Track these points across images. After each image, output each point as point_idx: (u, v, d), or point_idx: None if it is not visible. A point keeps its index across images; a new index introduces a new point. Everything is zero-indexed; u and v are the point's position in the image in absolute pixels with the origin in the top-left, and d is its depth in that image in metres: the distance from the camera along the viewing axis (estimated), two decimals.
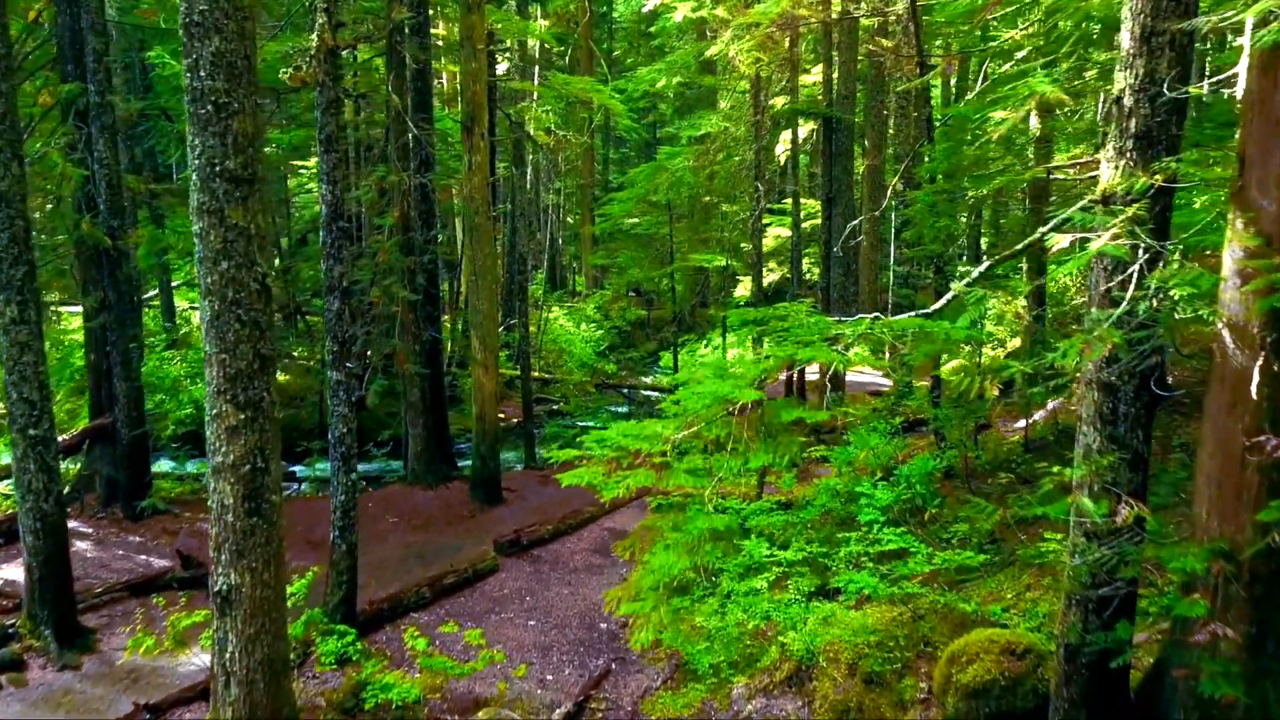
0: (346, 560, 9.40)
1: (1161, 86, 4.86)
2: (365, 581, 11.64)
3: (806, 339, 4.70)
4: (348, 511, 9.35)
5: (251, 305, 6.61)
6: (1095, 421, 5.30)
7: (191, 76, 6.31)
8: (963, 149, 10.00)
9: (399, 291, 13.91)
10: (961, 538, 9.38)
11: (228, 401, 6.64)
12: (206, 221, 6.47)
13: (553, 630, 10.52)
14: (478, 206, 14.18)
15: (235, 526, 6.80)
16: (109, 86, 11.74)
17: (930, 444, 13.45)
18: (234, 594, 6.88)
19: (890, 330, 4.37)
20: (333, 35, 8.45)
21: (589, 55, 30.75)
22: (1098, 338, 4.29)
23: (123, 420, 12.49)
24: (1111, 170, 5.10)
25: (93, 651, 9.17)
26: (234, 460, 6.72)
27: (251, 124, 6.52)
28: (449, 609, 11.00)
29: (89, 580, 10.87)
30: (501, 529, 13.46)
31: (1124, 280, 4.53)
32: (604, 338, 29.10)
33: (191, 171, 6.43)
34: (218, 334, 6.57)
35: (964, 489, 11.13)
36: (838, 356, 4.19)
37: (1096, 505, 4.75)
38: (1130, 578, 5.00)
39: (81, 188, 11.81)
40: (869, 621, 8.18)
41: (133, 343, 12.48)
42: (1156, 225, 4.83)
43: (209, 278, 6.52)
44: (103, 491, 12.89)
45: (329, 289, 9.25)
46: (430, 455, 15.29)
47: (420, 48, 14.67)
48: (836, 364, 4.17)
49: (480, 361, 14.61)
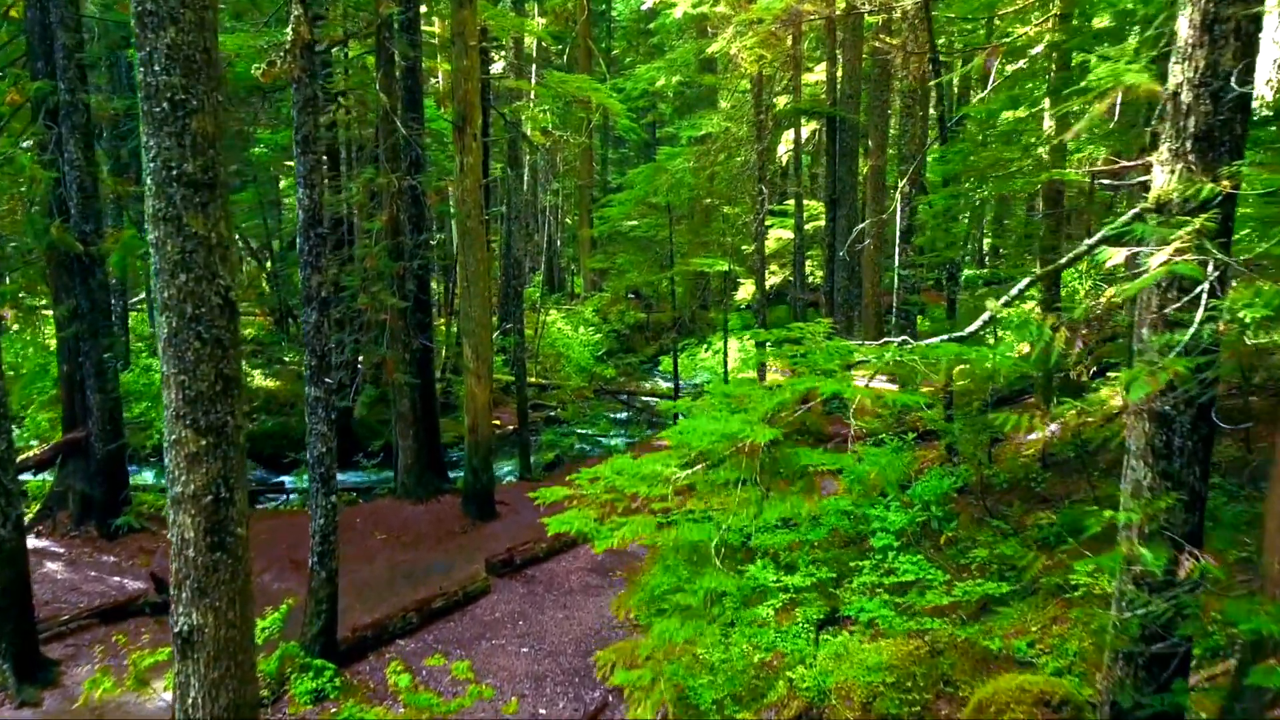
0: (326, 588, 8.84)
1: (1226, 80, 4.30)
2: (350, 604, 11.08)
3: (825, 366, 4.14)
4: (327, 536, 8.79)
5: (213, 321, 6.03)
6: (1146, 455, 4.75)
7: (145, 71, 5.75)
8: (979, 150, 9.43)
9: (387, 299, 13.35)
10: (981, 563, 8.82)
11: (187, 427, 6.06)
12: (163, 230, 5.88)
13: (546, 658, 9.95)
14: (470, 210, 13.62)
15: (197, 562, 6.22)
16: (80, 84, 11.16)
17: (940, 455, 12.90)
18: (196, 635, 6.30)
19: (924, 359, 3.82)
20: (309, 28, 7.89)
21: (587, 54, 30.19)
22: (1161, 368, 3.73)
23: (97, 434, 11.92)
24: (1166, 175, 4.54)
25: (55, 685, 8.61)
26: (195, 490, 6.14)
27: (212, 123, 5.95)
28: (437, 635, 10.44)
29: (57, 605, 10.31)
30: (494, 546, 12.89)
31: (1191, 300, 3.96)
32: (602, 342, 28.52)
33: (146, 175, 5.87)
34: (176, 353, 6.00)
35: (979, 505, 10.58)
36: (863, 390, 3.63)
37: (1154, 555, 4.19)
38: (1188, 635, 4.44)
39: (53, 190, 11.24)
40: (883, 657, 7.63)
41: (107, 353, 11.89)
42: (1220, 238, 4.28)
43: (166, 291, 5.95)
44: (76, 508, 12.30)
45: (306, 299, 8.69)
46: (421, 468, 14.72)
47: (410, 44, 14.10)
48: (862, 397, 3.62)
49: (473, 370, 14.04)
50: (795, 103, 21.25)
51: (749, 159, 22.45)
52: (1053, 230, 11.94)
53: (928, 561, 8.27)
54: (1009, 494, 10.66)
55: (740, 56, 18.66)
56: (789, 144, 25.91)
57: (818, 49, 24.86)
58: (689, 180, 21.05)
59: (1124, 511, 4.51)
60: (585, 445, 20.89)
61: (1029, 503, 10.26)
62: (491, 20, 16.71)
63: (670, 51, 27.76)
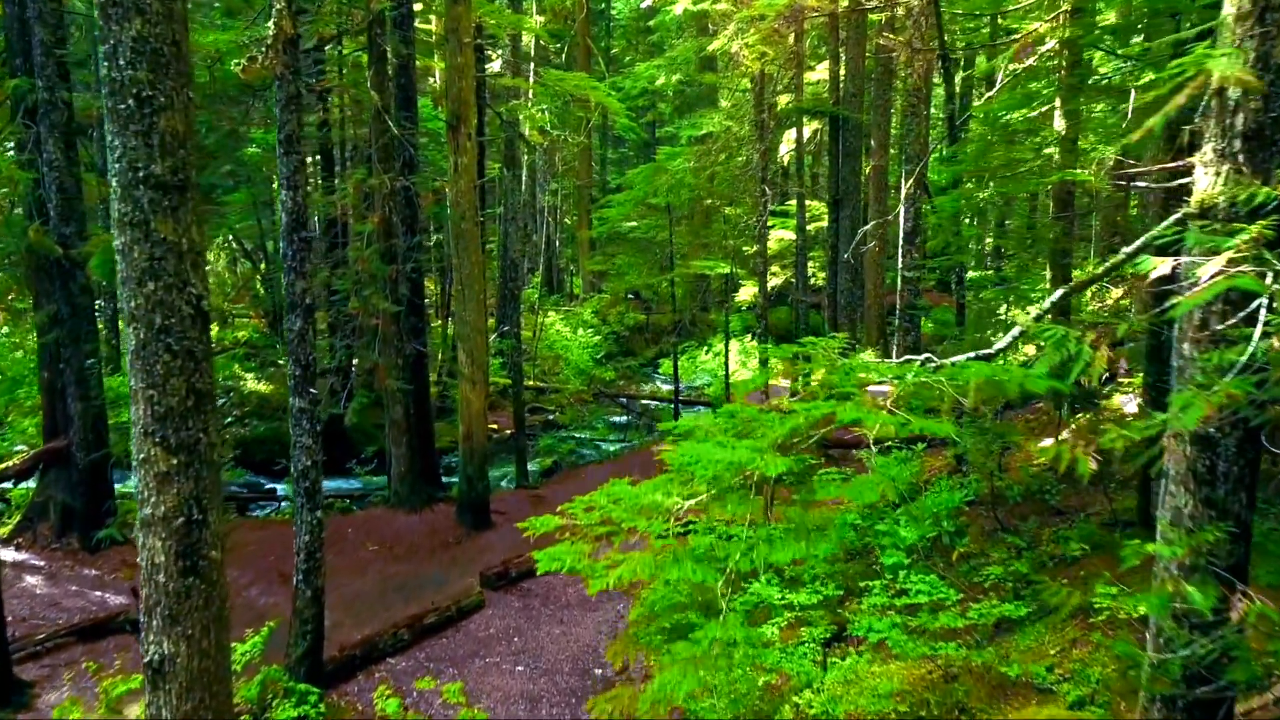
0: (311, 608, 8.47)
1: (1278, 74, 3.93)
2: (339, 620, 10.72)
3: (843, 387, 3.77)
4: (312, 554, 8.41)
5: (184, 333, 5.66)
6: (1187, 481, 4.38)
7: (110, 65, 5.37)
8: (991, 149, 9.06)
9: (379, 303, 12.97)
10: (995, 581, 8.45)
11: (156, 444, 5.69)
12: (129, 236, 5.51)
13: (542, 677, 9.58)
14: (464, 211, 13.24)
15: (168, 588, 5.85)
16: (60, 82, 10.77)
17: (949, 464, 12.53)
18: (167, 665, 5.93)
19: (950, 380, 3.45)
20: (292, 22, 7.52)
21: (586, 53, 29.82)
22: (1216, 391, 3.37)
23: (79, 443, 11.55)
24: (1211, 177, 4.17)
25: (29, 709, 8.24)
26: (165, 512, 5.77)
27: (182, 121, 5.58)
28: (429, 652, 10.07)
29: (35, 622, 9.94)
30: (489, 558, 12.52)
31: (1247, 315, 3.59)
32: (601, 344, 28.14)
33: (111, 177, 5.50)
34: (144, 366, 5.62)
35: (990, 517, 10.21)
36: (887, 418, 3.26)
37: (1203, 594, 3.82)
38: (1237, 679, 4.07)
39: (32, 192, 10.87)
40: (895, 683, 7.26)
41: (90, 359, 11.51)
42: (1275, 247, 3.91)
43: (133, 301, 5.57)
44: (57, 520, 11.91)
45: (290, 306, 8.32)
46: (414, 476, 14.35)
47: (403, 41, 13.73)
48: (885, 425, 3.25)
49: (467, 376, 13.67)
50: (797, 101, 20.87)
51: (750, 159, 22.08)
52: (1065, 232, 11.56)
53: (940, 579, 7.89)
54: (1022, 506, 10.29)
55: (742, 54, 18.30)
56: (790, 144, 25.53)
57: (820, 47, 24.48)
58: (689, 180, 20.68)
59: (1165, 545, 4.14)
60: (584, 450, 20.52)
61: (1043, 515, 9.89)
62: (487, 17, 16.35)
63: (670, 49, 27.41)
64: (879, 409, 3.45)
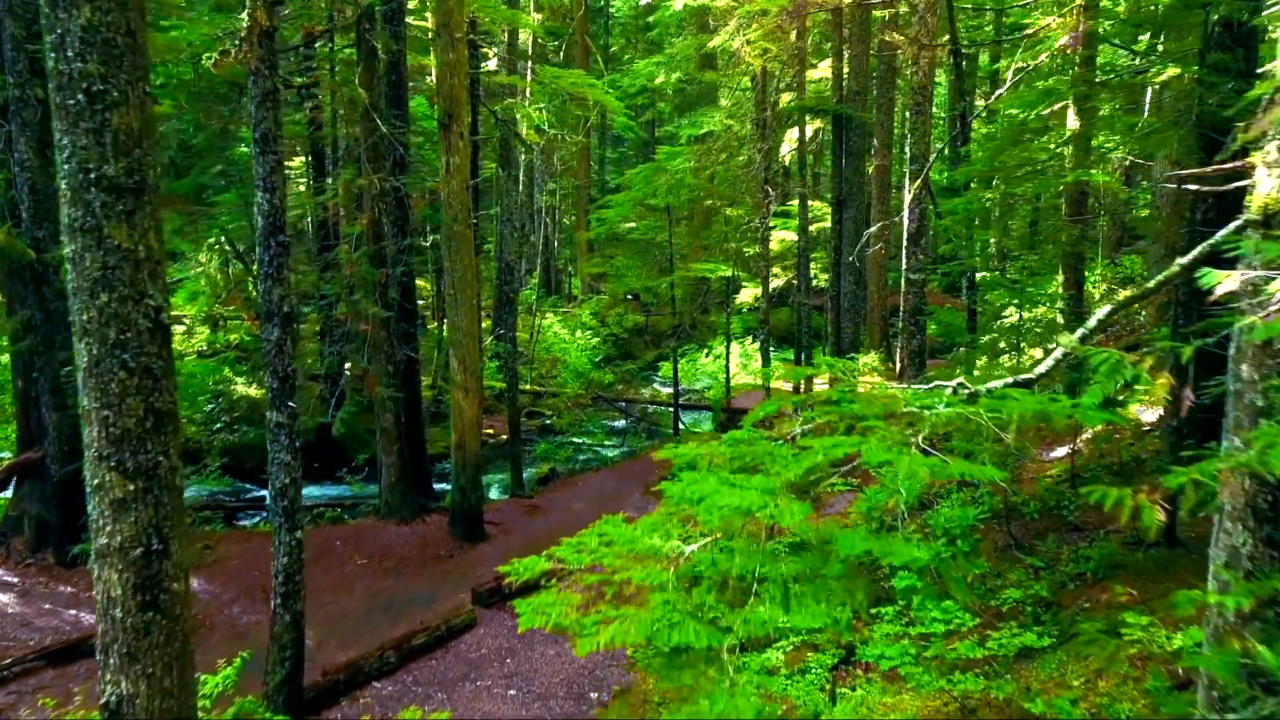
0: (290, 633, 8.02)
1: None
2: (323, 640, 10.28)
3: (864, 418, 3.33)
4: (291, 576, 7.97)
5: (141, 348, 5.19)
6: (1245, 517, 3.93)
7: (57, 57, 4.90)
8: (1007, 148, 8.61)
9: (369, 307, 12.51)
10: (1014, 605, 8.00)
11: (112, 469, 5.22)
12: (80, 243, 5.05)
13: (535, 702, 9.13)
14: (456, 212, 12.79)
15: (125, 624, 5.38)
16: (33, 78, 10.31)
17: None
18: (125, 707, 5.46)
19: (990, 412, 3.01)
20: (267, 14, 7.07)
21: (584, 50, 29.36)
22: None
23: (54, 454, 11.09)
24: (1275, 180, 3.73)
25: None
26: (122, 542, 5.30)
27: (138, 118, 5.11)
28: (417, 675, 9.62)
29: (4, 644, 9.49)
30: (482, 572, 12.07)
31: None
32: (600, 347, 27.67)
33: (60, 179, 5.05)
34: (98, 385, 5.15)
35: (1004, 532, 9.76)
36: (921, 460, 2.82)
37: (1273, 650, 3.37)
38: None
39: (4, 193, 10.41)
40: (909, 715, 6.82)
41: (64, 367, 11.03)
42: None
43: (85, 314, 5.11)
44: (32, 534, 11.44)
45: (268, 315, 7.88)
46: (405, 485, 13.89)
47: (393, 37, 13.28)
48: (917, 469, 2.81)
49: (460, 384, 13.22)
50: (800, 100, 20.40)
51: (751, 158, 21.63)
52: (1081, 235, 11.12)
53: (955, 605, 7.44)
54: (1038, 522, 9.84)
55: (743, 51, 17.85)
56: (792, 143, 25.08)
57: (824, 43, 24.03)
58: (689, 180, 20.23)
59: (1227, 594, 3.69)
60: (581, 456, 20.06)
61: (1060, 532, 9.44)
62: (481, 12, 15.89)
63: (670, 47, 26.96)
64: (909, 446, 3.01)
